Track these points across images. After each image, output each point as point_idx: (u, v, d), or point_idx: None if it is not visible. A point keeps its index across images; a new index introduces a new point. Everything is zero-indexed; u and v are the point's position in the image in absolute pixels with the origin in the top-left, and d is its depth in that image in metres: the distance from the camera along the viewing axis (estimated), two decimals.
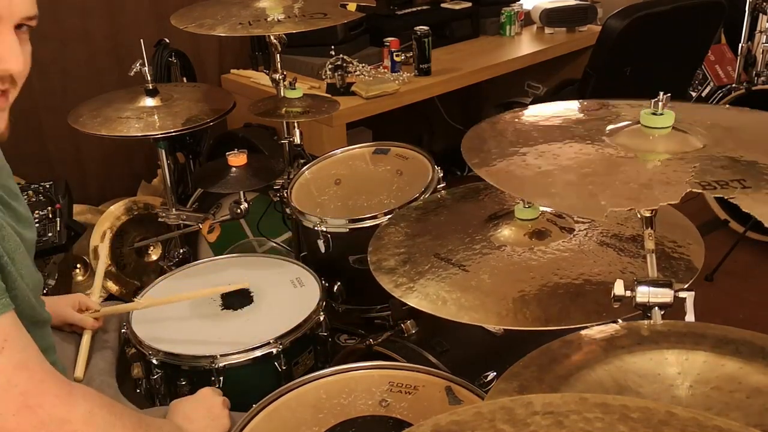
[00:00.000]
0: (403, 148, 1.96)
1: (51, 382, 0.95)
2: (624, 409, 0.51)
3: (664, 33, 2.54)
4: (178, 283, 1.66)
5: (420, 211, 1.42)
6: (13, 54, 0.95)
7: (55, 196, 2.06)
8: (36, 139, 2.54)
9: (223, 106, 2.01)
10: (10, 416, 0.90)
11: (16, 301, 0.98)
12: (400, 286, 1.16)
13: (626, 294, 0.93)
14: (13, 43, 0.95)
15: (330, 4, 1.89)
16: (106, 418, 0.98)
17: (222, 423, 1.18)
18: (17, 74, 0.97)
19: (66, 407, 0.95)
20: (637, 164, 0.97)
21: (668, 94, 1.03)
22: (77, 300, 1.49)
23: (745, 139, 1.04)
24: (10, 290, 0.97)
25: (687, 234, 1.23)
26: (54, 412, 0.93)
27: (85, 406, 0.97)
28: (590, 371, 0.75)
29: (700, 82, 3.49)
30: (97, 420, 0.97)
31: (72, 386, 0.99)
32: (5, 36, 0.94)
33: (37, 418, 0.92)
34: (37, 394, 0.92)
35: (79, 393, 0.98)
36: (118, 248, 2.42)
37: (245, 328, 1.49)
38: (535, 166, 1.01)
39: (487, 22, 3.19)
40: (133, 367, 1.47)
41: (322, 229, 1.72)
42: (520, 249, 1.20)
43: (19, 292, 1.02)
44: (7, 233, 1.00)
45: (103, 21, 2.60)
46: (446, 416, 0.51)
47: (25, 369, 0.92)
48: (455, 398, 1.17)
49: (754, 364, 0.74)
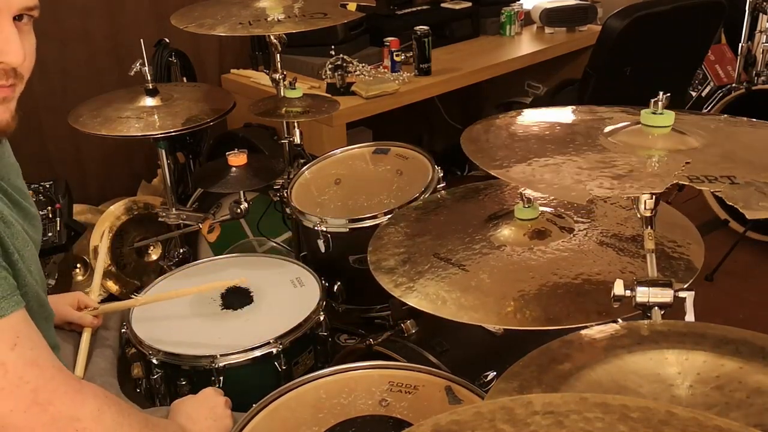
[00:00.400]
0: (403, 147, 1.96)
1: (61, 380, 0.95)
2: (624, 409, 0.51)
3: (664, 33, 2.54)
4: (178, 283, 1.66)
5: (420, 211, 1.42)
6: (13, 46, 0.92)
7: (55, 196, 2.06)
8: (36, 139, 2.54)
9: (223, 106, 2.01)
10: (21, 413, 0.90)
11: (26, 298, 0.98)
12: (399, 285, 1.16)
13: (626, 294, 0.93)
14: (12, 35, 0.92)
15: (330, 4, 1.89)
16: (114, 416, 0.98)
17: (225, 423, 1.18)
18: (19, 67, 0.95)
19: (75, 404, 0.95)
20: (630, 158, 0.97)
21: (668, 94, 1.03)
22: (76, 298, 1.49)
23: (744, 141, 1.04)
24: (20, 287, 0.98)
25: (687, 234, 1.23)
26: (64, 409, 0.93)
27: (94, 403, 0.97)
28: (590, 371, 0.75)
29: (700, 81, 3.49)
30: (105, 418, 0.97)
31: (81, 384, 0.99)
32: (4, 28, 0.92)
33: (48, 414, 0.92)
34: (47, 391, 0.92)
35: (88, 391, 0.98)
36: (118, 248, 2.42)
37: (245, 328, 1.49)
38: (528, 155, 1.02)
39: (487, 21, 3.19)
40: (134, 367, 1.47)
41: (322, 228, 1.72)
42: (520, 249, 1.20)
43: (29, 289, 1.02)
44: (16, 231, 1.00)
45: (104, 21, 2.60)
46: (446, 416, 0.51)
47: (36, 366, 0.92)
48: (455, 398, 1.17)
49: (754, 364, 0.74)
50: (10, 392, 0.90)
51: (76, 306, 1.47)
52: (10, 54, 0.93)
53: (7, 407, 0.90)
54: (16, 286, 0.95)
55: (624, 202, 1.30)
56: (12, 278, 0.95)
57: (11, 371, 0.90)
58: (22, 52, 0.94)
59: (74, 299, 1.48)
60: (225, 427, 1.18)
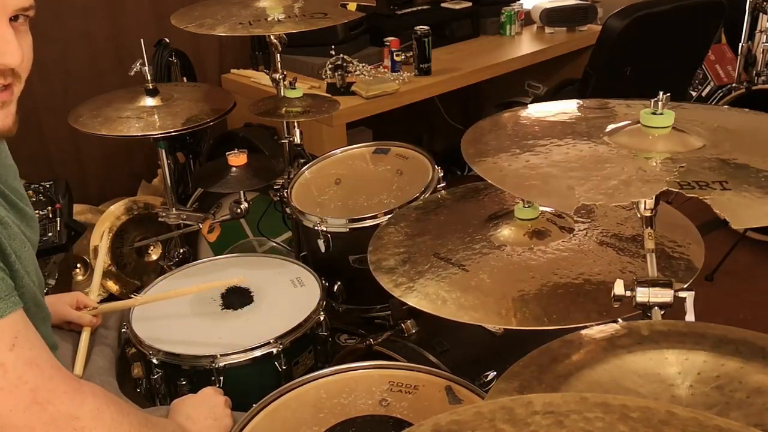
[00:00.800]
0: (403, 147, 1.96)
1: (60, 379, 0.95)
2: (624, 409, 0.51)
3: (664, 33, 2.54)
4: (178, 282, 1.66)
5: (420, 210, 1.42)
6: (10, 47, 0.92)
7: (55, 196, 2.06)
8: (36, 139, 2.54)
9: (223, 105, 2.01)
10: (20, 412, 0.90)
11: (24, 298, 0.98)
12: (399, 285, 1.16)
13: (626, 294, 0.93)
14: (9, 36, 0.92)
15: (330, 3, 1.89)
16: (113, 415, 0.98)
17: (225, 423, 1.18)
18: (17, 67, 0.95)
19: (75, 404, 0.95)
20: (625, 162, 0.97)
21: (668, 93, 1.03)
22: (75, 298, 1.49)
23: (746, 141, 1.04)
24: (17, 288, 0.98)
25: (687, 234, 1.23)
26: (63, 408, 0.93)
27: (93, 402, 0.97)
28: (590, 371, 0.75)
29: (700, 81, 3.48)
30: (104, 417, 0.97)
31: (80, 383, 0.99)
32: (0, 29, 0.92)
33: (47, 414, 0.92)
34: (46, 391, 0.92)
35: (87, 390, 0.98)
36: (118, 248, 2.42)
37: (245, 327, 1.49)
38: (523, 160, 1.02)
39: (487, 21, 3.19)
40: (134, 366, 1.47)
41: (322, 228, 1.72)
42: (520, 249, 1.20)
43: (27, 290, 1.02)
44: (13, 232, 1.00)
45: (104, 21, 2.60)
46: (446, 416, 0.51)
47: (35, 366, 0.92)
48: (455, 398, 1.17)
49: (754, 363, 0.74)
50: (9, 392, 0.90)
51: (75, 306, 1.48)
52: (8, 55, 0.93)
53: (7, 407, 0.90)
54: (13, 287, 0.95)
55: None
56: (9, 279, 0.95)
57: (10, 371, 0.90)
58: (20, 53, 0.94)
59: (73, 299, 1.49)
60: (225, 426, 1.18)
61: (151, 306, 1.56)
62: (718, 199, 0.87)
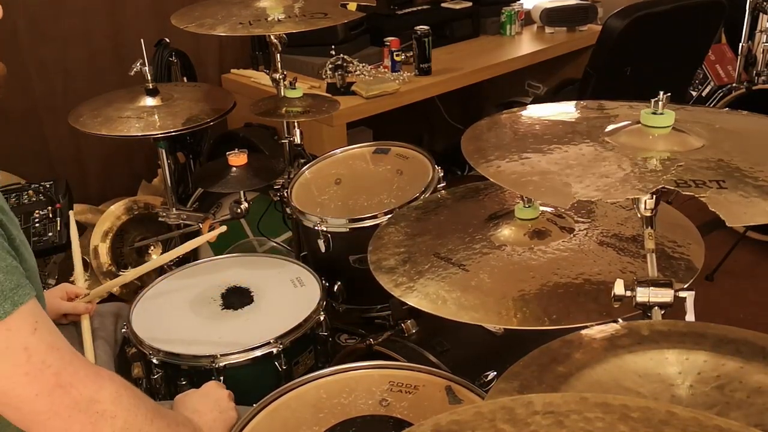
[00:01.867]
0: (403, 147, 1.96)
1: (79, 363, 0.96)
2: (624, 409, 0.51)
3: (664, 33, 2.54)
4: (178, 282, 1.66)
5: (420, 210, 1.42)
6: None
7: (55, 196, 2.06)
8: (36, 139, 2.53)
9: (224, 105, 2.01)
10: (46, 396, 0.91)
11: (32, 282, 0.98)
12: (400, 285, 1.16)
13: (626, 294, 0.93)
14: None
15: (330, 3, 1.89)
16: (131, 400, 0.99)
17: (230, 415, 1.18)
18: None
19: (95, 387, 0.95)
20: (623, 160, 0.97)
21: (668, 93, 1.03)
22: (63, 290, 1.49)
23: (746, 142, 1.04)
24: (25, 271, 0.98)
25: (687, 234, 1.23)
26: (85, 391, 0.94)
27: (112, 386, 0.97)
28: (590, 371, 0.75)
29: (700, 81, 3.48)
30: (123, 401, 0.98)
31: (98, 368, 1.00)
32: None
33: (70, 397, 0.92)
34: (68, 374, 0.93)
35: (105, 374, 0.99)
36: (118, 248, 2.42)
37: (245, 327, 1.49)
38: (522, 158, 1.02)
39: (487, 21, 3.19)
40: (134, 366, 1.47)
41: (322, 228, 1.72)
42: (520, 249, 1.20)
43: (31, 274, 1.02)
44: (10, 217, 1.01)
45: (104, 21, 2.60)
46: (446, 416, 0.51)
47: (56, 349, 0.93)
48: (455, 398, 1.17)
49: (754, 363, 0.74)
50: (34, 377, 0.90)
51: (66, 297, 1.48)
52: None
53: (33, 391, 0.90)
54: (24, 275, 0.95)
55: (624, 202, 1.30)
56: (21, 267, 0.95)
57: (34, 355, 0.90)
58: None
59: (62, 291, 1.49)
60: (230, 418, 1.18)
61: (151, 306, 1.56)
62: (714, 198, 0.87)
